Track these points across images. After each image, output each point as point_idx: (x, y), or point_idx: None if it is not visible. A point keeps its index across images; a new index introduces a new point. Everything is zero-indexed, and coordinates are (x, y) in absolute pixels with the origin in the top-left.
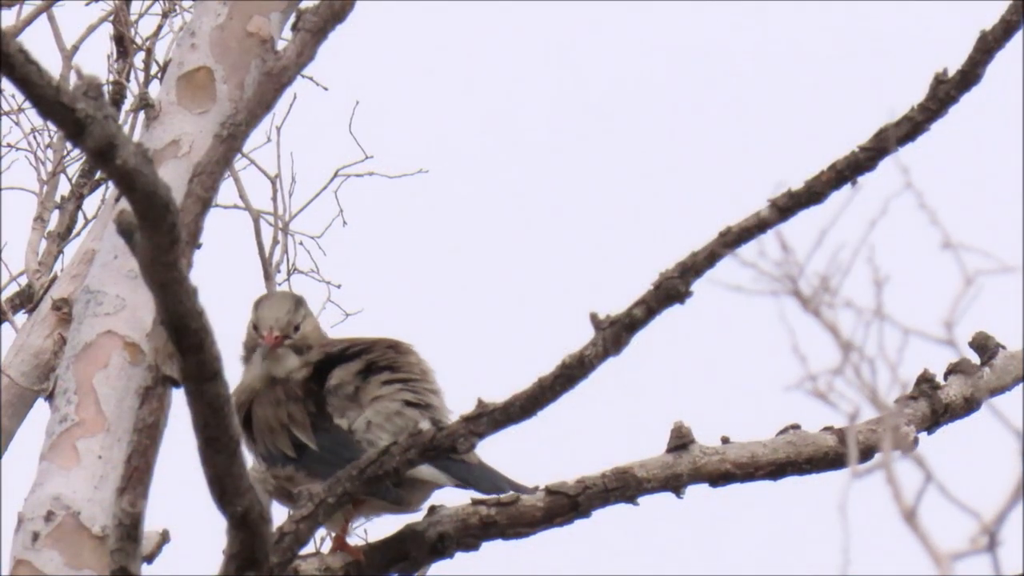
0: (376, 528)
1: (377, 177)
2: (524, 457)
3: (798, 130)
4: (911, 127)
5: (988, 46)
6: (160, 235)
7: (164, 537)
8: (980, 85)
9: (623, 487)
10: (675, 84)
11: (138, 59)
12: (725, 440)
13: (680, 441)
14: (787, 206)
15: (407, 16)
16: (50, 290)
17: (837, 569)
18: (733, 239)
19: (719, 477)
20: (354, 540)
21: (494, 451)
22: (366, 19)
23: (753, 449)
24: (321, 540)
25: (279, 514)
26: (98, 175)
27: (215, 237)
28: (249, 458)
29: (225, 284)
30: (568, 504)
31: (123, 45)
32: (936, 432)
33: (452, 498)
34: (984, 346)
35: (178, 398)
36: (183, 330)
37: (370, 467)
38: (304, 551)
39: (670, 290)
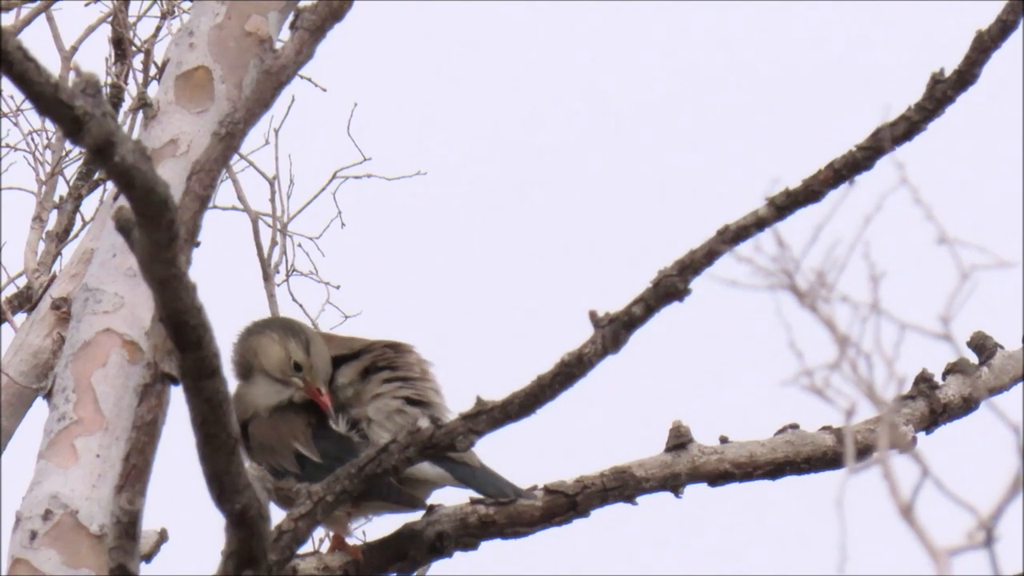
0: (375, 527)
1: (375, 179)
2: (523, 456)
3: (797, 129)
4: (908, 126)
5: (985, 46)
6: (158, 232)
7: (162, 536)
8: (976, 84)
9: (621, 486)
10: (672, 83)
11: (136, 61)
12: (723, 439)
13: (678, 440)
14: (785, 204)
15: (406, 16)
16: (49, 289)
17: (835, 567)
18: (731, 237)
19: (718, 476)
20: (353, 539)
21: (494, 451)
22: (364, 19)
23: (752, 448)
24: (320, 540)
25: (277, 512)
26: (96, 176)
27: (214, 238)
28: (246, 458)
29: (225, 286)
30: (567, 503)
31: (121, 47)
32: (935, 432)
33: (451, 497)
34: (982, 346)
35: (176, 396)
36: (182, 327)
37: (369, 465)
38: (303, 550)
39: (669, 288)
